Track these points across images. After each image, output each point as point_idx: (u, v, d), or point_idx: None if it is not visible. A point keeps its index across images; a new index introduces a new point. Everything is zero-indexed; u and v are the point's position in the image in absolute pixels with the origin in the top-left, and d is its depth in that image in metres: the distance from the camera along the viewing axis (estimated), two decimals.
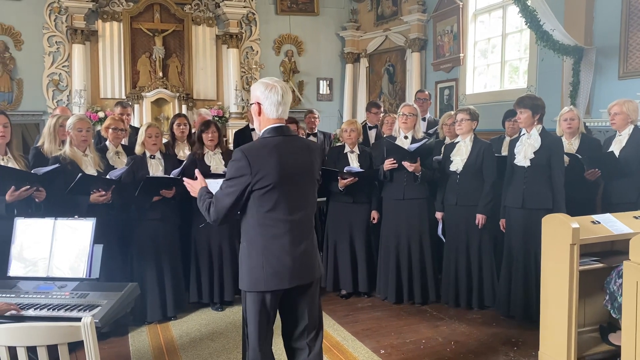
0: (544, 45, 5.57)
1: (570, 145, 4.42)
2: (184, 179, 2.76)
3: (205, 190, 2.60)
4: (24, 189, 3.34)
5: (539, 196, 4.03)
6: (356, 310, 4.56)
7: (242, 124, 8.42)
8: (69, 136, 3.87)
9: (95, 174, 3.89)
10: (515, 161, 4.14)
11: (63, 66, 8.44)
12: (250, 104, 2.58)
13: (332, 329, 4.14)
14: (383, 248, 4.71)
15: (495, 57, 7.69)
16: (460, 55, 7.90)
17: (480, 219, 4.33)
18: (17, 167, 3.50)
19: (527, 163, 4.06)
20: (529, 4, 5.39)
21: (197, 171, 2.76)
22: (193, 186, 2.67)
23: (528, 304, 4.07)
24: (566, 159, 4.25)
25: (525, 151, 4.08)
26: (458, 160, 4.42)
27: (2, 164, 3.42)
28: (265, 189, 2.38)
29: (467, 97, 7.86)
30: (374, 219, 4.80)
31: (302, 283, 2.52)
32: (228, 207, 2.42)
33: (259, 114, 2.50)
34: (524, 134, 4.16)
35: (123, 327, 4.07)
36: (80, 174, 3.65)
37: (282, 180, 2.40)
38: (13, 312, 2.35)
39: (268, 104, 2.46)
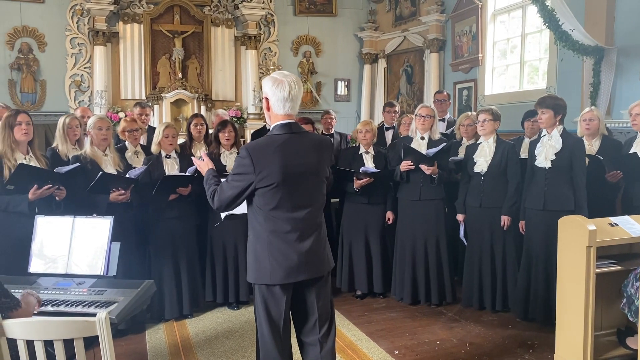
0: (563, 46, 5.50)
1: (591, 146, 4.36)
2: (193, 158, 2.83)
3: (212, 173, 2.67)
4: (46, 187, 3.42)
5: (561, 198, 3.98)
6: (371, 311, 4.56)
7: (259, 124, 8.49)
8: (90, 135, 3.95)
9: (115, 174, 3.96)
10: (536, 162, 4.09)
11: (85, 67, 8.59)
12: (262, 98, 2.61)
13: (347, 329, 4.14)
14: (399, 249, 4.71)
15: (515, 58, 7.61)
16: (479, 55, 7.84)
17: (505, 220, 4.29)
18: (39, 166, 3.58)
19: (548, 164, 4.01)
20: (547, 4, 5.34)
21: (203, 152, 2.82)
22: (201, 167, 2.75)
23: (549, 307, 4.00)
24: (586, 160, 4.19)
25: (546, 152, 4.03)
26: (482, 162, 4.38)
27: (26, 163, 3.50)
28: (269, 187, 2.41)
29: (486, 97, 7.80)
30: (389, 219, 4.80)
31: (309, 277, 2.53)
32: (230, 199, 2.49)
33: (268, 109, 2.52)
34: (544, 135, 4.10)
35: (140, 324, 4.13)
36: (100, 173, 3.73)
37: (286, 179, 2.42)
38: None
39: (275, 99, 2.47)
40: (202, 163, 2.76)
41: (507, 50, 7.78)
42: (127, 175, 3.98)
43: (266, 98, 2.51)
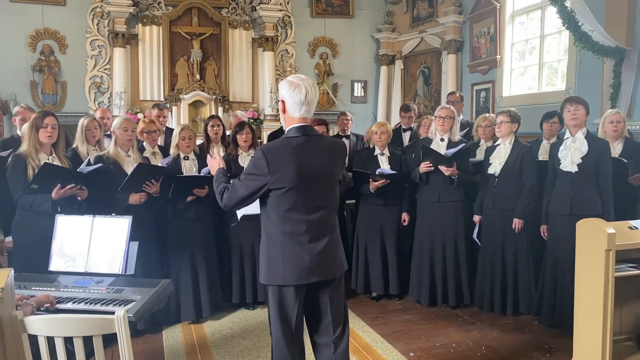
0: (582, 47, 5.43)
1: (614, 148, 4.27)
2: (208, 156, 2.84)
3: (223, 172, 2.70)
4: (69, 187, 3.48)
5: (588, 202, 3.91)
6: (386, 313, 4.56)
7: (276, 125, 8.52)
8: (114, 135, 4.01)
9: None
10: (562, 166, 4.02)
11: (104, 69, 8.70)
12: (277, 101, 2.63)
13: (362, 331, 4.14)
14: (417, 250, 4.70)
15: (533, 59, 7.54)
16: (497, 57, 7.78)
17: (517, 223, 4.25)
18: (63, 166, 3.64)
19: (574, 168, 3.94)
20: (567, 5, 5.28)
21: (215, 151, 2.84)
22: (212, 165, 2.78)
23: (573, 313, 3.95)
24: None
25: (572, 156, 3.95)
26: (496, 163, 4.36)
27: (53, 163, 3.56)
28: (282, 189, 2.43)
29: (504, 99, 7.74)
30: (404, 221, 4.79)
31: (322, 279, 2.53)
32: (241, 198, 2.51)
33: (284, 111, 2.54)
34: (567, 138, 4.04)
35: (157, 324, 4.16)
36: (137, 164, 3.80)
37: (300, 182, 2.43)
38: (47, 305, 2.44)
39: (291, 102, 2.49)
40: (213, 161, 2.79)
41: (525, 52, 7.71)
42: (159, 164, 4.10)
43: (282, 101, 2.53)
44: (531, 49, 7.62)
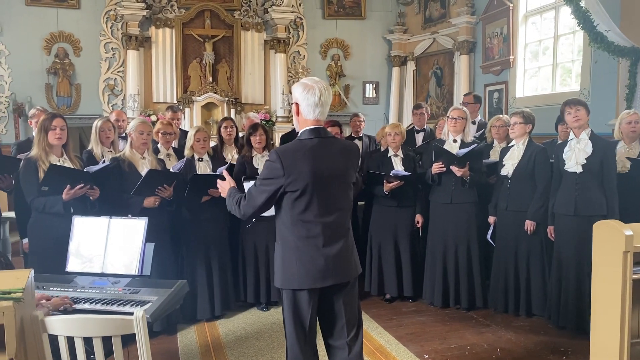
0: (598, 47, 5.39)
1: (630, 149, 4.24)
2: (218, 181, 2.82)
3: (235, 190, 2.69)
4: (78, 187, 3.50)
5: (593, 203, 3.91)
6: (400, 315, 4.55)
7: (288, 127, 8.54)
8: (130, 137, 4.03)
9: (161, 169, 4.07)
10: (566, 167, 4.02)
11: (118, 71, 8.78)
12: (291, 103, 2.64)
13: (376, 333, 4.14)
14: (430, 252, 4.68)
15: (547, 60, 7.49)
16: (510, 57, 7.75)
17: (529, 225, 4.23)
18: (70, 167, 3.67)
19: (579, 169, 3.95)
20: (582, 5, 5.24)
21: (224, 171, 2.84)
22: (222, 186, 2.76)
23: (581, 314, 3.93)
24: (627, 164, 4.10)
25: (576, 156, 3.96)
26: (509, 165, 4.35)
27: (59, 164, 3.59)
28: (297, 192, 2.43)
29: (517, 100, 7.70)
30: (418, 222, 4.77)
31: (337, 282, 2.53)
32: (260, 205, 2.50)
33: (298, 114, 2.55)
34: (572, 139, 4.04)
35: (173, 326, 4.18)
36: (148, 170, 3.83)
37: (315, 184, 2.43)
38: (66, 306, 2.47)
39: (305, 105, 2.49)
40: (224, 183, 2.75)
41: (539, 52, 7.66)
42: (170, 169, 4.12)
43: (296, 103, 2.54)
44: (544, 50, 7.57)
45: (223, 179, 2.79)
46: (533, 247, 4.32)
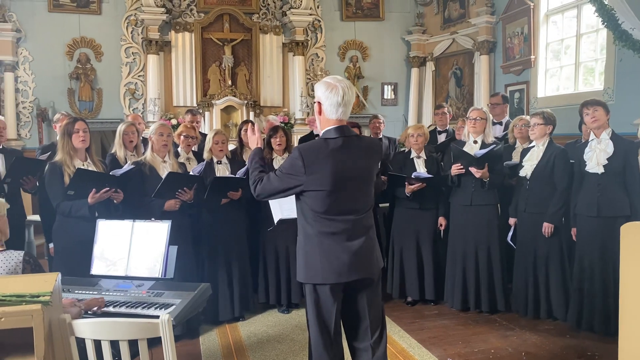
0: (622, 46, 5.29)
1: None
2: (248, 131, 2.84)
3: (260, 152, 2.73)
4: (103, 190, 3.55)
5: (616, 203, 3.85)
6: (422, 318, 4.51)
7: (307, 129, 8.54)
8: (151, 141, 4.07)
9: (180, 172, 4.09)
10: (587, 168, 3.96)
11: (139, 76, 8.87)
12: (313, 102, 2.63)
13: (398, 336, 4.11)
14: (450, 254, 4.64)
15: (569, 59, 7.38)
16: (531, 57, 7.65)
17: (547, 227, 4.16)
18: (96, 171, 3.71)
19: (600, 170, 3.88)
20: (606, 3, 5.15)
21: (256, 125, 2.85)
22: (251, 139, 2.79)
23: (607, 316, 3.86)
24: None
25: (597, 157, 3.89)
26: (528, 166, 4.29)
27: (85, 168, 3.63)
28: (319, 191, 2.43)
29: (539, 100, 7.60)
30: (441, 225, 4.73)
31: (360, 277, 2.52)
32: (275, 191, 2.53)
33: (320, 113, 2.53)
34: (592, 139, 3.98)
35: (195, 330, 4.20)
36: (168, 172, 3.86)
37: (337, 184, 2.43)
38: (99, 307, 2.50)
39: (328, 104, 2.48)
40: (252, 136, 2.78)
41: (560, 51, 7.55)
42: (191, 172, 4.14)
43: (319, 102, 2.52)
44: (566, 49, 7.46)
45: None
46: (552, 250, 4.25)
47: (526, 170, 4.30)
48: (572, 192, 4.14)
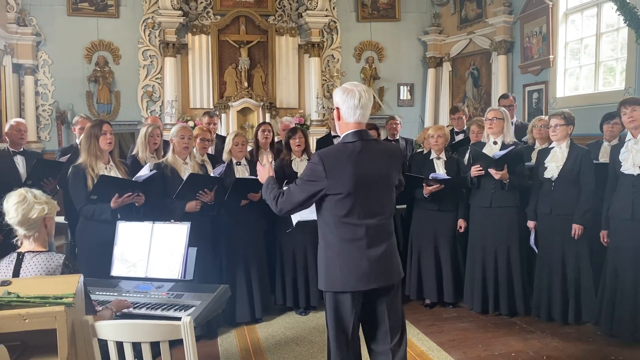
0: None
1: None
2: (258, 165, 2.86)
3: (273, 180, 2.71)
4: (126, 195, 3.57)
5: None
6: (441, 320, 4.47)
7: (322, 131, 8.54)
8: (172, 143, 4.09)
9: (201, 173, 4.13)
10: (622, 169, 3.85)
11: (156, 78, 8.93)
12: (332, 109, 2.67)
13: (417, 339, 4.07)
14: (470, 256, 4.59)
15: (589, 58, 7.28)
16: (550, 57, 7.55)
17: (576, 229, 4.09)
18: (119, 174, 3.74)
19: (636, 171, 3.77)
20: (628, 1, 5.07)
21: (265, 158, 2.86)
22: (261, 173, 2.78)
23: (637, 323, 3.77)
24: None
25: (633, 158, 3.78)
26: (553, 167, 4.21)
27: (106, 172, 3.66)
28: (340, 195, 2.43)
29: (558, 100, 7.50)
30: (460, 227, 4.69)
31: (380, 285, 2.52)
32: (298, 203, 2.52)
33: (339, 118, 2.55)
34: (629, 140, 3.87)
35: (213, 331, 4.21)
36: (189, 174, 3.88)
37: (357, 187, 2.43)
38: (127, 309, 2.51)
39: (345, 108, 2.50)
40: (263, 169, 2.79)
41: (580, 51, 7.45)
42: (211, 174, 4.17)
43: (337, 108, 2.55)
44: (585, 48, 7.35)
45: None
46: (580, 252, 4.17)
47: (552, 172, 4.21)
48: (599, 192, 4.06)
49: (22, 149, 4.77)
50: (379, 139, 2.91)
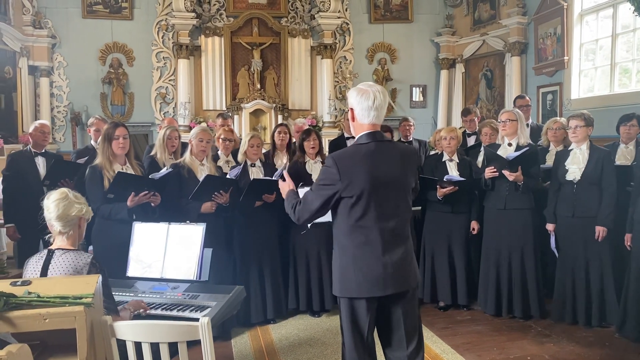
0: None
1: None
2: (279, 180, 2.82)
3: (294, 192, 2.67)
4: (142, 194, 3.59)
5: None
6: (455, 323, 4.44)
7: (335, 132, 8.55)
8: (190, 145, 4.11)
9: (218, 175, 4.15)
10: None
11: (169, 80, 8.99)
12: (346, 110, 2.64)
13: (431, 341, 4.05)
14: (484, 259, 4.56)
15: (604, 60, 7.21)
16: (565, 58, 7.49)
17: (600, 231, 4.05)
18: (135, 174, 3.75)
19: None
20: None
21: (285, 173, 2.83)
22: (282, 187, 2.75)
23: None
24: None
25: None
26: (575, 169, 4.16)
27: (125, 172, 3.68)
28: (354, 197, 2.39)
29: (573, 102, 7.44)
30: (473, 229, 4.66)
31: (396, 291, 2.47)
32: (315, 210, 2.48)
33: (353, 119, 2.52)
34: None
35: (227, 332, 4.21)
36: (205, 175, 3.90)
37: (372, 190, 2.39)
38: (142, 310, 2.53)
39: (360, 109, 2.47)
40: (284, 184, 2.75)
41: (595, 52, 7.38)
42: (227, 176, 4.20)
43: (351, 109, 2.51)
44: (599, 48, 7.28)
45: (283, 180, 2.78)
46: (604, 255, 4.13)
47: (574, 174, 4.16)
48: (619, 195, 4.01)
49: (43, 150, 4.84)
50: (394, 140, 2.86)
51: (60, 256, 2.28)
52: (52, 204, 2.33)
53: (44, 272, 2.25)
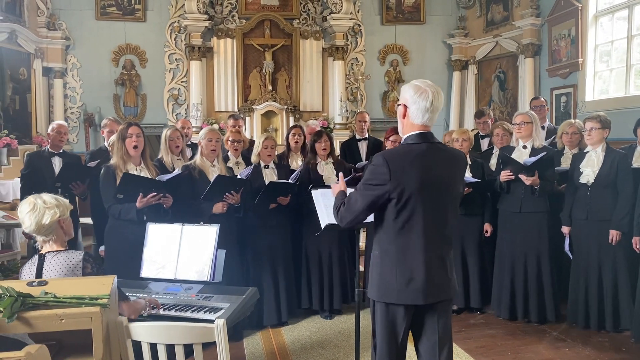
0: None
1: None
2: (332, 184, 2.75)
3: (343, 193, 2.58)
4: (150, 195, 3.58)
5: None
6: (469, 327, 4.41)
7: (346, 134, 8.52)
8: (200, 146, 4.12)
9: (229, 175, 4.16)
10: None
11: (182, 81, 9.03)
12: (398, 105, 2.48)
13: None
14: (498, 262, 4.52)
15: (619, 61, 7.13)
16: (579, 60, 7.42)
17: (614, 235, 4.01)
18: (149, 176, 3.76)
19: None
20: None
21: (341, 175, 2.77)
22: (335, 188, 2.67)
23: None
24: None
25: None
26: (589, 172, 4.12)
27: (137, 173, 3.69)
28: (403, 199, 2.28)
29: (587, 104, 7.36)
30: (486, 232, 4.62)
31: (436, 300, 2.37)
32: (360, 211, 2.36)
33: (404, 116, 2.40)
34: None
35: (239, 333, 4.21)
36: (216, 175, 3.91)
37: (422, 192, 2.28)
38: (154, 310, 2.53)
39: (415, 108, 2.35)
40: (336, 186, 2.67)
41: (610, 54, 7.31)
42: (239, 176, 4.21)
43: (404, 105, 2.39)
44: (614, 50, 7.21)
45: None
46: (618, 258, 4.08)
47: (587, 177, 4.12)
48: (635, 197, 3.96)
49: (61, 151, 4.88)
50: (444, 144, 2.73)
51: (52, 258, 2.27)
52: (25, 217, 2.27)
53: (38, 276, 2.24)
